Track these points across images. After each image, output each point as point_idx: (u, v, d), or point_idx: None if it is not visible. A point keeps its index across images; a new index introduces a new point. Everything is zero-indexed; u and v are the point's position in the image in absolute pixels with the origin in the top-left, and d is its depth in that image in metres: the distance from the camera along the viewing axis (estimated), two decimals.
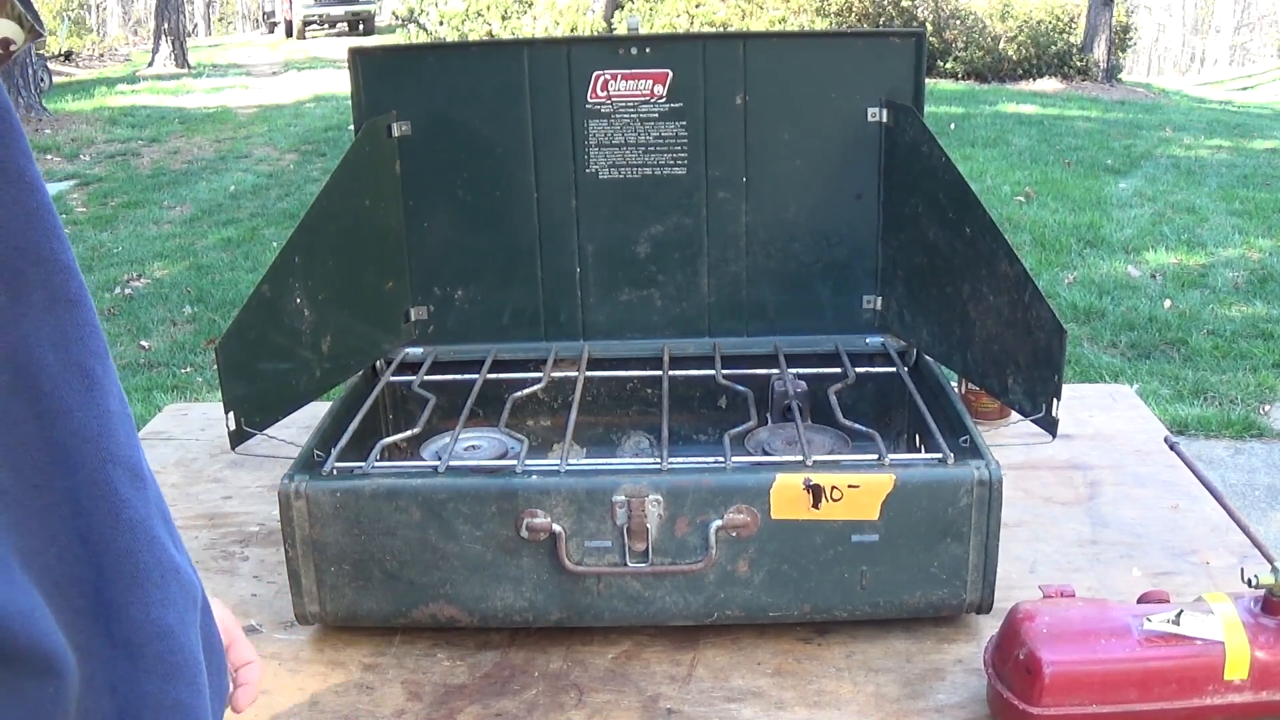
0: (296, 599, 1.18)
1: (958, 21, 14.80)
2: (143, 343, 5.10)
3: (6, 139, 0.56)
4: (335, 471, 1.19)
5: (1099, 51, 14.41)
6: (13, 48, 0.58)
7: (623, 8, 15.55)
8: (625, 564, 1.16)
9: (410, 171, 1.54)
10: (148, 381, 4.62)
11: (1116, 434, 1.68)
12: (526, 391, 1.46)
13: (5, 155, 0.56)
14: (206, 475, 1.63)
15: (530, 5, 16.67)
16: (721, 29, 13.58)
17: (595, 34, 13.45)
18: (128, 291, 5.87)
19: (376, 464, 1.22)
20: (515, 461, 1.21)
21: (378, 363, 1.55)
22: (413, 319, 1.59)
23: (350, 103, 1.53)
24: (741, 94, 1.51)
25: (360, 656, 1.20)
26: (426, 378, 1.50)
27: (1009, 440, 1.50)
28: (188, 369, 4.79)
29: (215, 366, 1.25)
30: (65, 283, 0.58)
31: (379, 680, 1.16)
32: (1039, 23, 14.75)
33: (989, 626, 1.14)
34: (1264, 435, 4.11)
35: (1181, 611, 1.01)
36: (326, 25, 23.92)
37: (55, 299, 0.58)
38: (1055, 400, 1.23)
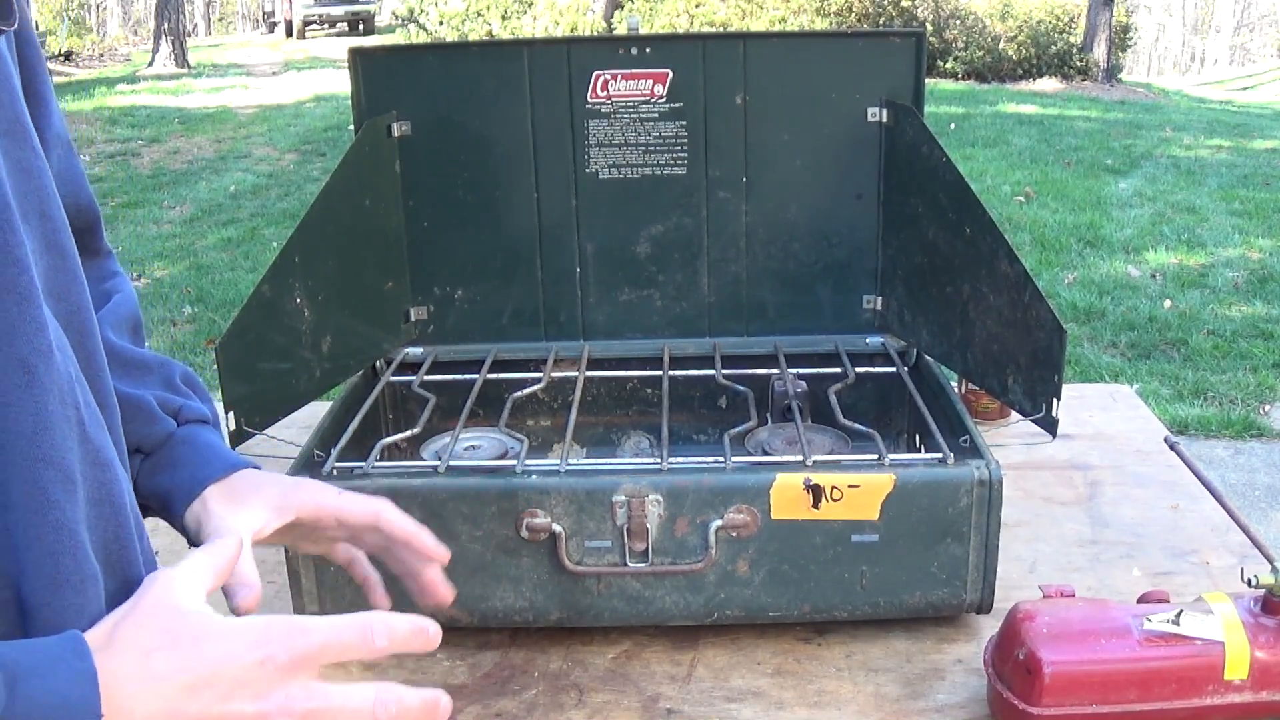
0: (296, 599, 1.18)
1: (958, 21, 14.80)
2: None
3: None
4: (335, 471, 1.19)
5: (1099, 51, 14.41)
6: None
7: (623, 8, 15.55)
8: (625, 564, 1.16)
9: (410, 171, 1.54)
10: None
11: (1116, 434, 1.68)
12: (526, 391, 1.45)
13: None
14: None
15: (530, 5, 16.67)
16: (721, 29, 13.58)
17: (595, 34, 13.46)
18: None
19: (376, 464, 1.22)
20: (515, 461, 1.21)
21: (378, 363, 1.55)
22: (413, 319, 1.59)
23: (350, 103, 1.53)
24: (741, 94, 1.51)
25: None
26: (426, 378, 1.50)
27: (1009, 440, 1.50)
28: None
29: (215, 366, 1.25)
30: (16, 277, 0.58)
31: (379, 680, 1.16)
32: (1039, 23, 14.75)
33: (989, 626, 1.14)
34: (1264, 435, 4.11)
35: (1181, 611, 1.01)
36: (326, 25, 23.93)
37: (4, 291, 0.58)
38: (1055, 400, 1.23)
